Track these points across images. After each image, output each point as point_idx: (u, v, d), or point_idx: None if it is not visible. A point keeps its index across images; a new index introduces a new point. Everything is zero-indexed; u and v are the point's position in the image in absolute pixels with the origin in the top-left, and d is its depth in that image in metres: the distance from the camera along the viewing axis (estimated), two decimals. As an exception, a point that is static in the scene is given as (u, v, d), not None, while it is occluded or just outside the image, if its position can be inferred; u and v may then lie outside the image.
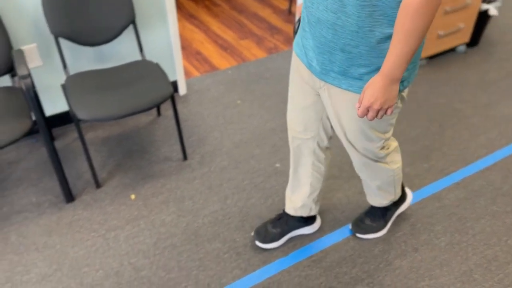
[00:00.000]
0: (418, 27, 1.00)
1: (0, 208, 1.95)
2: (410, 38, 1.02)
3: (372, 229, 1.82)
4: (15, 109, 1.79)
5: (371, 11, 1.06)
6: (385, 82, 1.10)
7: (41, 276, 1.68)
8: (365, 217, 1.84)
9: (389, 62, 1.07)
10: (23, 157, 2.22)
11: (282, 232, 1.79)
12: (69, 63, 2.24)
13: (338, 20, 1.11)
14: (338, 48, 1.17)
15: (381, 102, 1.12)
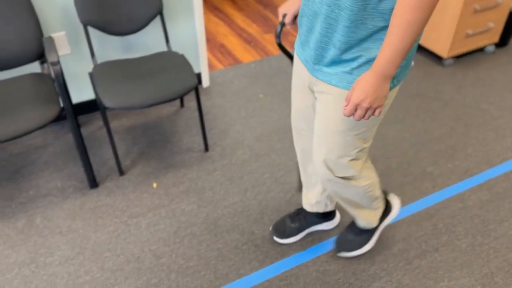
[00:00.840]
0: (417, 21, 0.95)
1: (27, 191, 2.00)
2: (407, 32, 0.97)
3: (356, 245, 1.71)
4: (44, 95, 1.83)
5: (365, 4, 1.02)
6: (376, 79, 1.05)
7: (64, 258, 1.73)
8: (347, 232, 1.73)
9: (383, 58, 1.02)
10: (49, 142, 2.28)
11: (300, 227, 1.79)
12: (97, 52, 2.28)
13: (332, 14, 1.07)
14: (331, 43, 1.13)
15: (370, 100, 1.07)
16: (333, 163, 1.34)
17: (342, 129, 1.25)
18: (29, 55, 1.93)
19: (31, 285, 1.63)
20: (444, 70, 2.89)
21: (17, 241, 1.79)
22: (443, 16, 2.77)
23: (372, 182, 1.47)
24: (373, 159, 2.20)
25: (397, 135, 2.36)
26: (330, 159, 1.33)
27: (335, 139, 1.28)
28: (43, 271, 1.68)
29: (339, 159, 1.32)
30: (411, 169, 2.15)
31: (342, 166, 1.35)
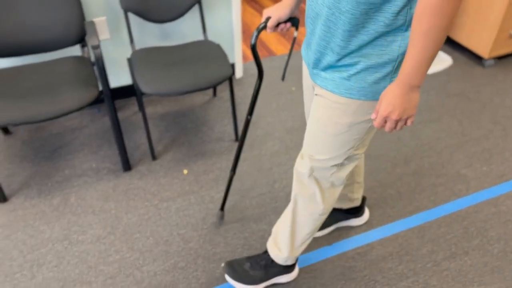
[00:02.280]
0: (438, 27, 0.90)
1: (63, 171, 2.07)
2: (428, 41, 0.92)
3: (246, 278, 1.59)
4: (84, 78, 1.88)
5: (367, 8, 0.97)
6: (402, 90, 1.00)
7: (95, 237, 1.78)
8: (246, 261, 1.62)
9: (407, 68, 0.97)
10: (86, 125, 2.34)
11: (327, 222, 1.79)
12: (135, 38, 2.33)
13: (332, 16, 1.03)
14: (329, 48, 1.08)
15: (399, 112, 1.02)
16: (317, 162, 1.29)
17: (333, 133, 1.20)
18: (71, 38, 1.99)
19: (63, 261, 1.69)
20: (484, 71, 2.81)
21: (52, 218, 1.86)
22: (486, 15, 2.68)
23: (326, 211, 1.41)
24: (405, 158, 2.17)
25: (432, 134, 2.31)
26: (315, 158, 1.29)
27: (325, 141, 1.24)
28: (75, 248, 1.74)
29: (324, 160, 1.28)
30: (445, 170, 2.11)
31: (324, 168, 1.30)
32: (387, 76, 1.07)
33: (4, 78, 1.87)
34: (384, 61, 1.04)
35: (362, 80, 1.08)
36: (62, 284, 1.61)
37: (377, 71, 1.06)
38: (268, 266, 1.58)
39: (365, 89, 1.09)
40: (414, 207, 1.93)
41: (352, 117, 1.15)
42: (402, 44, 1.03)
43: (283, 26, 1.31)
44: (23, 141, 2.24)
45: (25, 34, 1.93)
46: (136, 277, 1.64)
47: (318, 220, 1.43)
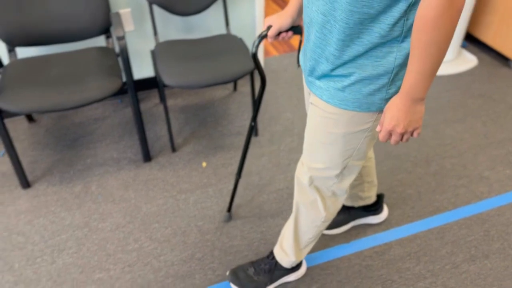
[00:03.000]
0: (436, 41, 0.87)
1: (85, 159, 2.11)
2: (428, 54, 0.89)
3: (251, 283, 1.56)
4: (108, 69, 1.91)
5: (362, 18, 0.94)
6: (406, 103, 0.98)
7: (115, 225, 1.81)
8: (250, 266, 1.60)
9: (409, 81, 0.95)
10: (108, 115, 2.38)
11: (344, 219, 1.78)
12: (159, 31, 2.35)
13: (327, 24, 0.99)
14: (323, 56, 1.05)
15: (404, 125, 1.00)
16: (315, 172, 1.27)
17: (327, 142, 1.18)
18: (97, 28, 2.02)
19: (83, 247, 1.72)
20: (511, 72, 2.74)
21: (73, 205, 1.89)
22: (515, 14, 2.62)
23: (328, 219, 1.40)
24: (426, 157, 2.14)
25: (455, 135, 2.28)
26: (312, 167, 1.27)
27: (320, 150, 1.21)
28: (95, 235, 1.77)
29: (321, 170, 1.26)
30: (467, 171, 2.07)
31: (323, 178, 1.28)
32: (383, 88, 1.03)
33: (31, 66, 1.91)
34: (379, 73, 1.01)
35: (357, 91, 1.05)
36: (81, 270, 1.65)
37: (372, 83, 1.03)
38: (272, 270, 1.57)
39: (360, 101, 1.06)
40: (434, 207, 1.90)
41: (346, 127, 1.12)
42: (398, 55, 0.99)
43: (285, 35, 1.28)
44: (46, 129, 2.29)
45: (52, 24, 1.96)
46: (153, 266, 1.66)
47: (320, 227, 1.42)
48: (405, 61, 1.00)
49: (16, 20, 1.91)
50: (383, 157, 2.14)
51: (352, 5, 0.92)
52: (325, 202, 1.35)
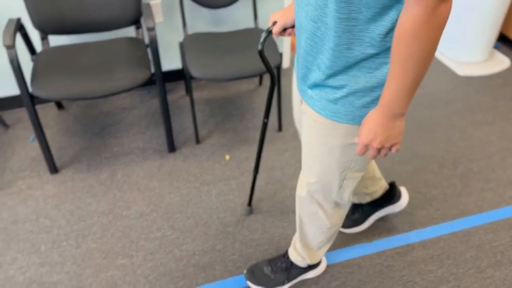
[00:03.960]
0: (416, 54, 0.82)
1: (111, 148, 2.15)
2: (408, 68, 0.84)
3: (268, 282, 1.56)
4: (137, 59, 1.93)
5: (351, 26, 0.87)
6: (384, 118, 0.92)
7: (139, 213, 1.84)
8: (267, 265, 1.58)
9: (387, 95, 0.89)
10: (135, 105, 2.41)
11: (361, 217, 1.75)
12: (187, 23, 2.36)
13: (318, 31, 0.93)
14: (315, 64, 0.99)
15: (381, 140, 0.95)
16: (311, 186, 1.24)
17: (324, 154, 1.14)
18: (128, 19, 2.05)
19: (107, 233, 1.76)
20: (545, 75, 2.66)
21: (99, 192, 1.93)
22: (553, 15, 2.53)
23: (336, 229, 1.40)
24: (453, 159, 2.09)
25: (484, 137, 2.22)
26: (309, 182, 1.24)
27: (317, 162, 1.18)
28: (119, 222, 1.80)
29: (316, 183, 1.23)
30: (495, 175, 2.02)
31: (321, 191, 1.24)
32: (377, 100, 0.98)
33: (63, 54, 1.95)
34: (373, 85, 0.96)
35: (350, 104, 1.00)
36: (105, 255, 1.68)
37: (366, 95, 0.98)
38: (289, 268, 1.56)
39: (353, 113, 1.01)
40: (459, 210, 1.87)
41: (340, 139, 1.08)
42: None
43: (290, 31, 1.25)
44: (75, 116, 2.34)
45: (85, 13, 2.00)
46: (175, 254, 1.68)
47: (328, 232, 1.40)
48: None
49: (49, 8, 1.96)
50: (409, 157, 2.11)
51: (339, 12, 0.86)
52: (327, 213, 1.32)
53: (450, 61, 2.82)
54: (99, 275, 1.62)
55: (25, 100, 1.79)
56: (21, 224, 1.79)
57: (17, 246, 1.71)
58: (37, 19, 1.95)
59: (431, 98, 2.51)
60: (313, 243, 1.44)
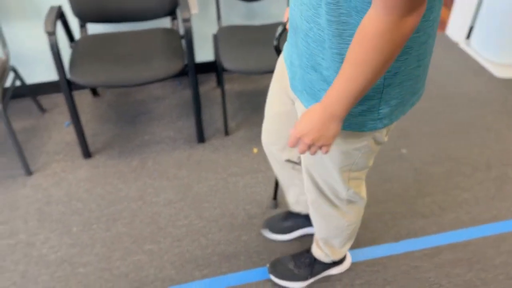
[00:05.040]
0: (370, 63, 0.77)
1: (143, 136, 2.19)
2: (358, 73, 0.79)
3: (291, 277, 1.55)
4: (171, 50, 1.96)
5: (341, 30, 0.83)
6: (321, 116, 0.89)
7: (167, 201, 1.87)
8: (290, 260, 1.58)
9: (330, 95, 0.85)
10: (167, 95, 2.45)
11: (290, 227, 1.69)
12: (222, 15, 2.38)
13: (310, 32, 0.90)
14: (310, 66, 0.95)
15: (313, 138, 0.91)
16: (321, 185, 1.21)
17: (322, 157, 1.11)
18: (164, 9, 2.08)
19: (136, 219, 1.80)
20: None
21: (130, 178, 1.98)
22: None
23: (356, 226, 1.36)
24: (487, 162, 2.04)
25: (519, 142, 2.16)
26: (318, 182, 1.21)
27: (318, 165, 1.15)
28: (148, 208, 1.84)
29: (325, 183, 1.20)
30: (531, 181, 1.96)
31: (329, 190, 1.22)
32: (373, 108, 0.95)
33: (100, 42, 2.00)
34: (368, 94, 0.92)
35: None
36: (133, 240, 1.72)
37: (361, 104, 0.94)
38: (312, 264, 1.55)
39: (350, 120, 0.97)
40: (491, 215, 1.82)
41: (340, 145, 1.05)
42: (388, 75, 0.89)
43: None
44: (109, 104, 2.40)
45: (123, 2, 2.04)
46: (201, 243, 1.71)
47: (348, 229, 1.37)
48: (396, 80, 0.91)
49: (90, -2, 2.01)
50: (441, 158, 2.07)
51: (329, 14, 0.82)
52: (341, 211, 1.29)
53: (487, 62, 2.74)
54: (127, 259, 1.66)
55: (63, 86, 1.84)
56: (55, 206, 1.85)
57: (50, 226, 1.77)
58: (76, 7, 2.01)
59: (467, 98, 2.45)
60: (334, 242, 1.43)
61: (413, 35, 0.84)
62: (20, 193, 1.90)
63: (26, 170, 1.97)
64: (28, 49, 2.26)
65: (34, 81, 2.38)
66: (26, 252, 1.68)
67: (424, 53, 0.91)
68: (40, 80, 2.38)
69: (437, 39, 2.93)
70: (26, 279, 1.60)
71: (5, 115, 1.83)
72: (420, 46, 0.88)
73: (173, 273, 1.61)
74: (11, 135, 1.88)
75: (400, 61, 0.88)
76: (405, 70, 0.90)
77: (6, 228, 1.76)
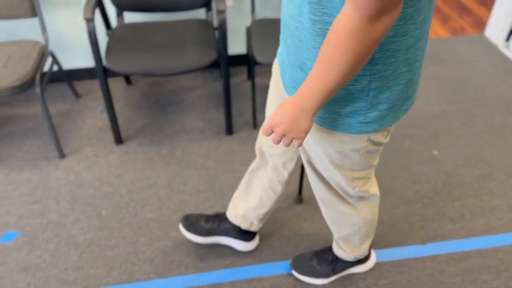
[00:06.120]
0: (339, 62, 0.77)
1: (173, 125, 2.22)
2: (327, 71, 0.79)
3: (313, 273, 1.55)
4: (205, 41, 1.98)
5: (325, 30, 0.82)
6: (294, 108, 0.89)
7: (194, 190, 1.90)
8: (313, 256, 1.57)
9: (303, 89, 0.86)
10: (198, 86, 2.47)
11: (210, 230, 1.61)
12: (256, 9, 2.38)
13: (296, 31, 0.90)
14: (297, 65, 0.95)
15: (285, 129, 0.92)
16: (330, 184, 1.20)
17: (322, 159, 1.11)
18: (199, 1, 2.10)
19: (163, 205, 1.83)
20: None
21: (159, 166, 2.01)
22: None
23: (373, 219, 1.34)
24: (522, 170, 1.97)
25: (558, 150, 2.08)
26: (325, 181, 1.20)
27: (322, 164, 1.14)
28: (176, 196, 1.87)
29: (332, 182, 1.18)
30: None
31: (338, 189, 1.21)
32: (360, 111, 0.94)
33: (136, 31, 2.04)
34: (354, 96, 0.91)
35: (333, 111, 0.96)
36: (160, 226, 1.76)
37: (348, 105, 0.94)
38: (335, 261, 1.54)
39: (337, 121, 0.97)
40: (524, 223, 1.76)
41: (336, 146, 1.04)
42: (373, 78, 0.88)
43: None
44: (142, 92, 2.44)
45: (159, -7, 2.07)
46: (226, 234, 1.73)
47: (365, 226, 1.35)
48: (383, 84, 0.89)
49: (128, -13, 2.04)
50: (475, 161, 2.02)
51: (312, 13, 0.82)
52: (354, 208, 1.28)
53: (529, 65, 2.64)
54: (153, 244, 1.69)
55: (98, 73, 1.89)
56: (85, 189, 1.90)
57: (80, 209, 1.82)
58: (115, -4, 2.05)
59: (504, 102, 2.37)
60: (352, 239, 1.42)
61: (399, 38, 0.83)
62: (53, 175, 1.97)
63: (59, 153, 2.04)
64: (67, 35, 2.32)
65: (70, 66, 2.44)
66: (56, 232, 1.74)
67: (413, 57, 0.89)
68: (77, 66, 2.45)
69: (476, 40, 2.85)
70: (56, 258, 1.65)
71: (42, 98, 1.89)
72: (408, 50, 0.87)
73: (197, 261, 1.64)
74: (47, 118, 1.94)
75: (386, 64, 0.87)
76: (394, 74, 0.89)
77: (39, 208, 1.83)
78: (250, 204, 1.50)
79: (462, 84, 2.48)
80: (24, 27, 2.25)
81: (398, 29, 0.81)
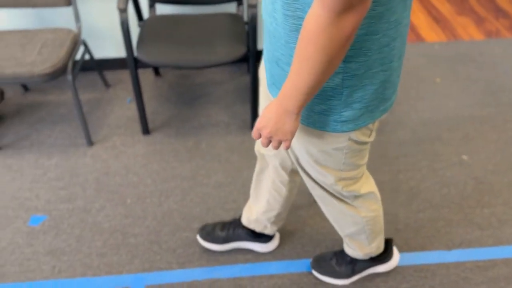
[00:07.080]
0: (312, 59, 0.76)
1: (199, 118, 2.24)
2: (302, 70, 0.79)
3: (333, 273, 1.53)
4: (235, 35, 1.98)
5: (298, 25, 0.82)
6: (278, 109, 0.89)
7: (218, 183, 1.91)
8: (333, 256, 1.55)
9: (284, 90, 0.86)
10: (225, 80, 2.48)
11: (226, 238, 1.61)
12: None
13: (271, 27, 0.90)
14: (274, 60, 0.96)
15: (271, 131, 0.92)
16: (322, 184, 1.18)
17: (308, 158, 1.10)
18: (231, -5, 2.10)
19: (187, 197, 1.85)
20: None
21: (184, 158, 2.03)
22: None
23: (376, 216, 1.30)
24: (556, 179, 1.91)
25: None
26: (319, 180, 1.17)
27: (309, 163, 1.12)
28: (199, 189, 1.88)
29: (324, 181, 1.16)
30: None
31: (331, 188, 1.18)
32: (334, 109, 0.94)
33: (167, 23, 2.05)
34: (328, 94, 0.91)
35: (308, 108, 0.96)
36: (183, 217, 1.77)
37: (322, 103, 0.93)
38: (354, 262, 1.52)
39: (313, 118, 0.97)
40: (556, 234, 1.70)
41: (317, 145, 1.04)
42: (346, 76, 0.87)
43: None
44: (169, 84, 2.46)
45: (191, -14, 2.08)
46: (248, 228, 1.73)
47: (368, 225, 1.32)
48: (356, 83, 0.89)
49: (161, -21, 2.06)
50: (506, 168, 1.96)
51: (285, 8, 0.82)
52: (352, 206, 1.26)
53: None
54: (176, 234, 1.71)
55: (129, 63, 1.91)
56: (112, 177, 1.94)
57: (106, 196, 1.86)
58: (148, -12, 2.06)
59: (539, 109, 2.30)
60: (359, 238, 1.39)
61: (371, 37, 0.82)
62: (81, 161, 2.01)
63: (88, 140, 2.08)
64: (99, 24, 2.36)
65: (101, 56, 2.48)
66: (82, 218, 1.78)
67: (388, 57, 0.88)
68: (107, 55, 2.49)
69: (511, 43, 2.76)
70: (80, 243, 1.69)
71: (73, 86, 1.93)
72: (381, 49, 0.85)
73: (218, 254, 1.65)
74: (77, 106, 1.98)
75: (358, 62, 0.86)
76: (367, 73, 0.88)
77: (66, 193, 1.87)
78: (259, 208, 1.50)
79: (495, 87, 2.41)
80: (58, 15, 2.30)
81: (369, 27, 0.81)
